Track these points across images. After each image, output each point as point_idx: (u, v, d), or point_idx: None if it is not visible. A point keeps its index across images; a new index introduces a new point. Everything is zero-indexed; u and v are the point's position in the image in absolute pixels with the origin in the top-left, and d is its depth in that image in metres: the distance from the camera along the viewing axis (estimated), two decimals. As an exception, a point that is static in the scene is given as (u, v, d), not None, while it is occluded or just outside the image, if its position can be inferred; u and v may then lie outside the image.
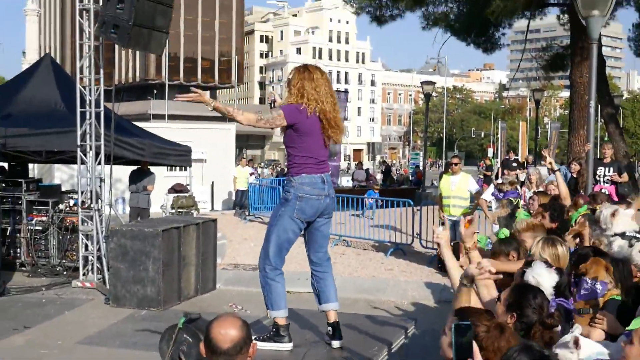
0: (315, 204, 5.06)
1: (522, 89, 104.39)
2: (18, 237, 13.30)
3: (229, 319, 3.03)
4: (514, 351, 2.45)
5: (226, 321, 3.00)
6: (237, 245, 15.60)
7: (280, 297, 5.19)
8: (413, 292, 11.69)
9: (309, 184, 5.01)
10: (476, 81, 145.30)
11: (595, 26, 11.09)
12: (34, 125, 12.57)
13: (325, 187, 5.09)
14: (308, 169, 5.01)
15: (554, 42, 28.87)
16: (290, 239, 5.17)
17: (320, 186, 5.04)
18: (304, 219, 5.10)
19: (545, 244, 4.66)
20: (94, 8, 11.94)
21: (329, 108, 4.96)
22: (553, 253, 4.58)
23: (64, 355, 8.34)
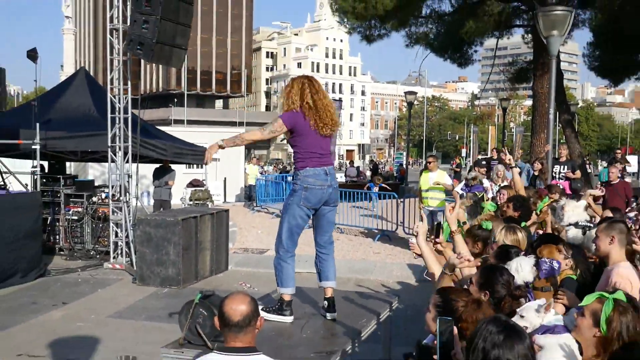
0: (319, 194, 5.02)
1: (491, 98, 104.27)
2: (57, 226, 13.30)
3: (239, 295, 3.03)
4: (483, 322, 2.45)
5: (237, 298, 3.00)
6: (246, 232, 15.59)
7: (289, 277, 5.16)
8: (397, 272, 11.70)
9: (313, 176, 4.98)
10: (452, 91, 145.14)
11: (554, 44, 11.10)
12: (71, 129, 12.57)
13: (328, 179, 5.04)
14: (311, 163, 4.98)
15: (519, 58, 28.81)
16: (300, 224, 5.13)
17: (322, 177, 4.98)
18: (309, 207, 5.06)
19: (507, 231, 4.70)
20: (123, 28, 11.95)
21: (320, 105, 4.95)
22: (514, 239, 4.62)
23: (97, 327, 8.34)
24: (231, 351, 2.91)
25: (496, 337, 2.32)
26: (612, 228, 4.28)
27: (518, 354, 2.29)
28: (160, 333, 7.42)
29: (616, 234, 4.21)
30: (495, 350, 2.30)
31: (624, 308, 2.83)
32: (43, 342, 7.66)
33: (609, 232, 4.25)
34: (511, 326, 2.38)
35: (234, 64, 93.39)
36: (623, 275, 4.01)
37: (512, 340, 2.31)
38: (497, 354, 2.29)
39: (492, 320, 2.44)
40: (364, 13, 20.38)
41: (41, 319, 8.81)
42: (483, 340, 2.34)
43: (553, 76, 11.52)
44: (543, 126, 18.31)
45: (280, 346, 4.29)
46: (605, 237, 4.26)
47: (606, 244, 4.24)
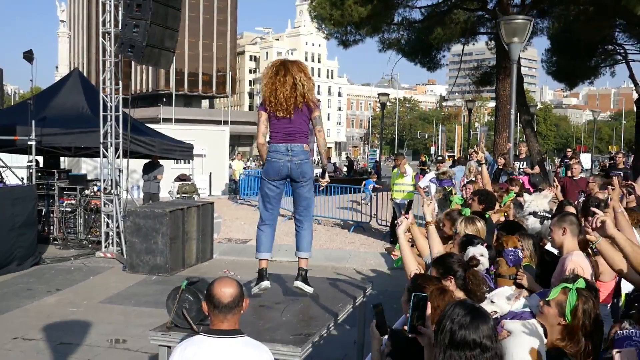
0: (276, 166, 4.99)
1: (458, 99, 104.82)
2: (51, 217, 13.16)
3: (226, 279, 3.02)
4: (450, 305, 2.46)
5: (225, 281, 2.99)
6: (230, 223, 15.53)
7: (262, 243, 5.21)
8: (371, 261, 11.74)
9: (273, 151, 5.02)
10: (422, 93, 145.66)
11: (515, 50, 11.17)
12: (65, 126, 12.44)
13: (288, 154, 4.98)
14: (274, 140, 5.03)
15: (483, 62, 29.02)
16: (267, 194, 5.16)
17: (282, 152, 4.99)
18: (269, 178, 5.10)
19: (467, 222, 4.74)
20: (115, 31, 11.83)
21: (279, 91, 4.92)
22: (474, 229, 4.66)
23: (89, 312, 8.26)
24: (217, 333, 2.89)
25: (462, 319, 2.33)
26: (563, 220, 4.36)
27: (483, 335, 2.30)
28: (149, 317, 7.37)
29: (567, 225, 4.29)
30: (462, 331, 2.31)
31: (586, 297, 2.88)
32: (38, 326, 7.58)
33: (561, 225, 4.33)
34: (476, 309, 2.39)
35: (219, 67, 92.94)
36: (576, 262, 4.06)
37: (477, 321, 2.32)
38: (463, 335, 2.30)
39: (459, 303, 2.45)
40: (341, 20, 20.36)
41: (36, 304, 8.71)
42: (450, 322, 2.34)
43: (514, 80, 11.60)
44: (505, 126, 18.46)
45: (260, 329, 4.27)
46: (558, 229, 4.34)
47: (559, 235, 4.32)
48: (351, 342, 5.97)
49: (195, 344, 2.88)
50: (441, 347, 2.35)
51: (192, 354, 2.82)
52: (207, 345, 2.84)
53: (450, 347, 2.32)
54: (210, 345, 2.84)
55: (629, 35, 26.24)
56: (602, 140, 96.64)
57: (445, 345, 2.33)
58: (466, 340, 2.30)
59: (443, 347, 2.34)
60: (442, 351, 2.34)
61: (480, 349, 2.29)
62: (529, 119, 22.86)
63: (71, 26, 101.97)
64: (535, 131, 24.60)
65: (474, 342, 2.29)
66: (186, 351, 2.85)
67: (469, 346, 2.29)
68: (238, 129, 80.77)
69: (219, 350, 2.83)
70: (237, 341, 2.88)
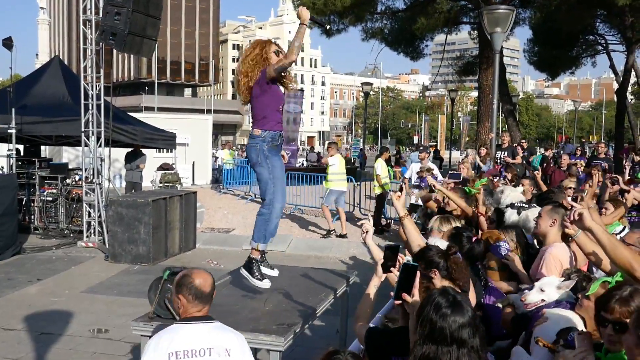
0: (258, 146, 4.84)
1: (440, 89, 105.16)
2: (32, 206, 13.03)
3: (200, 270, 3.04)
4: (432, 294, 2.46)
5: (201, 272, 3.02)
6: (213, 212, 15.48)
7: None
8: (353, 250, 11.77)
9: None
10: (405, 83, 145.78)
11: (497, 40, 11.23)
12: (46, 115, 12.30)
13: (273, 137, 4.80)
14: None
15: (466, 52, 29.10)
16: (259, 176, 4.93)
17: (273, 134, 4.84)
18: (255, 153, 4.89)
19: (442, 220, 4.69)
20: (96, 19, 11.70)
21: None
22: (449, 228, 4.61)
23: (71, 302, 8.21)
24: (190, 320, 2.91)
25: (444, 309, 2.33)
26: (555, 212, 4.28)
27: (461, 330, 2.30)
28: (131, 307, 7.34)
29: (558, 217, 4.20)
30: (441, 323, 2.31)
31: None
32: (19, 316, 7.52)
33: (552, 215, 4.25)
34: (457, 302, 2.39)
35: (202, 55, 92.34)
36: (555, 255, 4.06)
37: (456, 315, 2.32)
38: (442, 327, 2.31)
39: (441, 292, 2.45)
40: (324, 9, 20.34)
41: (17, 294, 8.64)
42: (433, 312, 2.34)
43: (496, 70, 11.66)
44: (487, 115, 18.56)
45: (244, 319, 4.27)
46: (548, 218, 4.26)
47: (547, 225, 4.25)
48: (334, 332, 5.99)
49: (170, 331, 2.89)
50: (420, 337, 2.35)
51: (169, 341, 2.82)
52: (183, 331, 2.86)
53: (428, 338, 2.32)
54: (186, 331, 2.86)
55: (609, 26, 26.48)
56: (583, 130, 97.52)
57: (424, 336, 2.34)
58: (444, 333, 2.30)
59: (422, 337, 2.35)
60: (421, 342, 2.34)
61: (457, 344, 2.29)
62: (511, 108, 23.04)
63: (51, 13, 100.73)
64: (517, 121, 24.78)
65: (451, 337, 2.29)
66: (162, 339, 2.85)
67: (446, 340, 2.30)
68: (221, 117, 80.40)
69: (195, 334, 2.85)
70: (211, 325, 2.92)
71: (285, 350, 4.10)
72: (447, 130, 52.54)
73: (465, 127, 42.01)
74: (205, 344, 2.82)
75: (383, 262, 3.12)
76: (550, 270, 3.94)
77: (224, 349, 2.84)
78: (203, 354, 2.80)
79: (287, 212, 15.21)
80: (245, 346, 2.96)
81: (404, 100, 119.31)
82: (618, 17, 23.89)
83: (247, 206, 16.43)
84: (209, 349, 2.82)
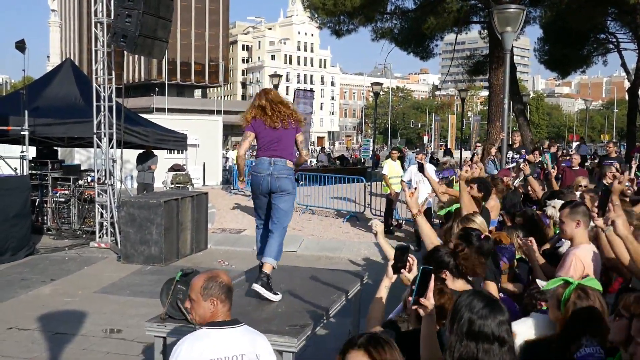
0: (254, 182, 5.26)
1: (450, 89, 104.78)
2: (45, 207, 13.10)
3: (214, 270, 3.05)
4: (467, 295, 2.44)
5: (217, 271, 3.03)
6: (224, 213, 15.51)
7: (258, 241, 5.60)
8: (364, 251, 11.75)
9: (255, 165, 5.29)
10: (414, 83, 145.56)
11: (508, 39, 11.17)
12: (58, 116, 12.37)
13: (270, 168, 5.17)
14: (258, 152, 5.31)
15: (476, 52, 28.97)
16: (256, 203, 5.48)
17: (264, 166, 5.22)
18: (255, 191, 5.35)
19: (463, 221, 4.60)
20: (107, 21, 11.75)
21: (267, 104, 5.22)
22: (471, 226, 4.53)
23: (84, 302, 8.24)
24: (220, 325, 2.86)
25: (482, 310, 2.33)
26: (576, 212, 4.14)
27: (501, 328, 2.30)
28: (144, 307, 7.37)
29: (580, 217, 4.09)
30: (481, 321, 2.31)
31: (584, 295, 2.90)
32: (32, 316, 7.56)
33: (574, 217, 4.11)
34: (494, 301, 2.40)
35: (211, 56, 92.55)
36: (578, 256, 3.99)
37: (496, 314, 2.33)
38: (482, 325, 2.30)
39: (476, 294, 2.44)
40: (334, 9, 20.32)
41: (30, 294, 8.69)
42: (469, 312, 2.33)
43: (507, 69, 11.60)
44: (498, 115, 18.49)
45: (257, 320, 4.28)
46: (571, 221, 4.11)
47: (572, 228, 4.10)
48: (346, 333, 5.98)
49: (201, 337, 2.82)
50: (457, 337, 2.34)
51: (202, 348, 2.76)
52: (215, 337, 2.81)
53: (467, 337, 2.31)
54: (218, 337, 2.82)
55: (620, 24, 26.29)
56: (594, 129, 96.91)
57: (462, 334, 2.32)
58: (484, 331, 2.29)
59: (459, 336, 2.33)
60: (459, 340, 2.33)
61: (498, 342, 2.29)
62: (521, 108, 22.91)
63: (62, 15, 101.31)
64: (527, 120, 24.65)
65: (492, 335, 2.29)
66: (195, 346, 2.77)
67: (488, 338, 2.29)
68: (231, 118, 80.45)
69: (227, 340, 2.82)
70: (240, 330, 2.90)
71: (298, 351, 4.10)
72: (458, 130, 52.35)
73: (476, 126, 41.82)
74: (237, 350, 2.80)
75: (393, 263, 3.11)
76: (573, 271, 3.90)
77: (255, 354, 2.84)
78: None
79: (298, 212, 15.22)
80: (271, 349, 2.97)
81: (414, 100, 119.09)
82: (629, 15, 23.71)
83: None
84: (241, 355, 2.80)
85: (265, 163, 5.17)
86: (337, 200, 15.83)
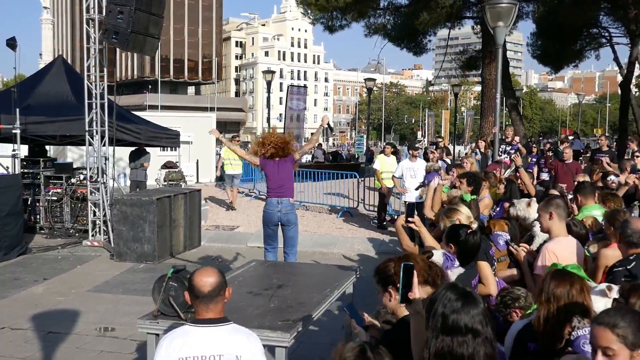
0: (268, 217, 7.17)
1: (444, 84, 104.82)
2: (37, 206, 13.06)
3: (207, 268, 2.99)
4: (442, 289, 2.45)
5: (205, 271, 2.97)
6: (217, 210, 15.50)
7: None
8: (358, 246, 11.77)
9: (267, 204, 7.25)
10: (408, 78, 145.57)
11: (500, 34, 11.17)
12: (50, 114, 12.30)
13: (279, 206, 7.05)
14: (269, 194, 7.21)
15: (469, 47, 29.03)
16: (268, 233, 7.34)
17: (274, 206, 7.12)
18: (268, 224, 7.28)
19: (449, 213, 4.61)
20: (99, 18, 11.71)
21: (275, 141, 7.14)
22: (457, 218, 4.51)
23: (77, 301, 8.23)
24: (203, 322, 2.87)
25: (454, 303, 2.34)
26: (549, 204, 4.25)
27: (474, 320, 2.31)
28: (137, 305, 7.36)
29: (554, 209, 4.20)
30: (454, 316, 2.32)
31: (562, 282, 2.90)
32: (26, 315, 7.54)
33: (547, 209, 4.23)
34: (468, 293, 2.40)
35: (205, 53, 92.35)
36: (551, 250, 4.03)
37: (469, 306, 2.33)
38: (455, 319, 2.32)
39: (450, 287, 2.45)
40: (326, 5, 20.29)
41: (23, 294, 8.67)
42: (442, 306, 2.35)
43: (499, 64, 11.61)
44: (491, 110, 18.51)
45: (249, 315, 4.28)
46: (544, 214, 4.23)
47: (546, 220, 4.22)
48: (339, 327, 5.99)
49: (181, 335, 2.85)
50: (433, 332, 2.35)
51: (180, 345, 2.80)
52: (194, 335, 2.83)
53: (442, 332, 2.33)
54: (197, 335, 2.83)
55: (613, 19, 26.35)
56: (587, 123, 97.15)
57: (438, 329, 2.34)
58: (458, 325, 2.31)
59: (435, 331, 2.35)
60: (434, 336, 2.34)
61: (472, 334, 2.30)
62: (514, 102, 22.95)
63: (54, 13, 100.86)
64: (520, 115, 24.73)
65: (465, 327, 2.31)
66: (173, 343, 2.82)
67: (461, 331, 2.31)
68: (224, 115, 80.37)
69: (206, 338, 2.82)
70: (224, 329, 2.87)
71: (291, 346, 4.11)
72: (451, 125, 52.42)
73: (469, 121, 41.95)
74: (215, 350, 2.79)
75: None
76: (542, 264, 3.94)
77: (234, 356, 2.80)
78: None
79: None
80: (258, 350, 2.89)
81: (407, 95, 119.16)
82: (622, 10, 23.77)
83: (251, 203, 16.44)
84: (219, 355, 2.79)
85: (274, 202, 7.01)
86: (330, 196, 15.84)
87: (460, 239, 3.84)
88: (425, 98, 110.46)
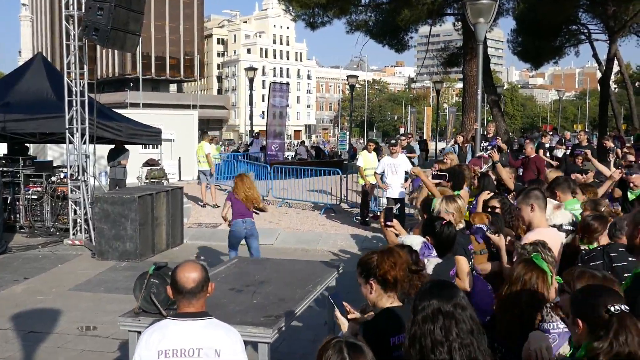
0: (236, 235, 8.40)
1: (426, 81, 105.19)
2: (17, 205, 12.91)
3: (190, 264, 2.99)
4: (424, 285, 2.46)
5: (188, 266, 2.96)
6: (200, 208, 15.44)
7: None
8: (341, 242, 11.79)
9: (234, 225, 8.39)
10: (390, 75, 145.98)
11: (481, 31, 11.24)
12: (29, 112, 12.16)
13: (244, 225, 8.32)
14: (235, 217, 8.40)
15: (451, 44, 29.16)
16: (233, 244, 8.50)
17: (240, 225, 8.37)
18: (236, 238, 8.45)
19: (447, 201, 4.70)
20: (78, 15, 11.58)
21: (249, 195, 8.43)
22: (456, 207, 4.64)
23: (59, 300, 8.17)
24: (185, 316, 2.88)
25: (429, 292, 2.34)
26: (529, 197, 4.29)
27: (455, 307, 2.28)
28: (119, 304, 7.32)
29: (534, 200, 4.25)
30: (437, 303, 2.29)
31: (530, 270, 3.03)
32: (6, 315, 7.47)
33: (528, 201, 4.27)
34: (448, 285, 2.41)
35: (186, 50, 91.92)
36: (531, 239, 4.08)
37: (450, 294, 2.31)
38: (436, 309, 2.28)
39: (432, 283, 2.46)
40: (308, 1, 20.30)
41: (4, 293, 8.58)
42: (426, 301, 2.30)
43: (480, 60, 11.69)
44: (473, 106, 18.63)
45: (232, 312, 4.28)
46: (526, 206, 4.27)
47: (528, 213, 4.26)
48: (322, 323, 6.01)
49: (161, 328, 2.87)
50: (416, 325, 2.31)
51: (159, 338, 2.82)
52: (173, 329, 2.84)
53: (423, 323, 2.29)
54: (177, 328, 2.84)
55: (592, 15, 26.64)
56: (568, 119, 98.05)
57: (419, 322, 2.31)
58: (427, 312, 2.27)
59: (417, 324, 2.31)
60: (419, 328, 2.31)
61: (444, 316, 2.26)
62: (496, 99, 23.12)
63: (33, 10, 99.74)
64: (502, 111, 24.90)
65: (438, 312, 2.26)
66: (152, 336, 2.84)
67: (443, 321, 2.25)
68: (207, 113, 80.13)
69: (185, 332, 2.82)
70: (204, 323, 2.88)
71: (274, 343, 4.11)
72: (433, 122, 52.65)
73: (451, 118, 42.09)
74: (194, 344, 2.79)
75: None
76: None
77: (214, 350, 2.80)
78: (192, 353, 2.77)
79: (274, 206, 15.21)
80: (238, 345, 2.88)
81: (390, 92, 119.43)
82: (600, 7, 24.06)
83: (235, 201, 16.38)
84: (198, 349, 2.79)
85: (240, 223, 8.31)
86: (313, 193, 15.84)
87: (435, 230, 3.91)
88: (407, 95, 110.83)
